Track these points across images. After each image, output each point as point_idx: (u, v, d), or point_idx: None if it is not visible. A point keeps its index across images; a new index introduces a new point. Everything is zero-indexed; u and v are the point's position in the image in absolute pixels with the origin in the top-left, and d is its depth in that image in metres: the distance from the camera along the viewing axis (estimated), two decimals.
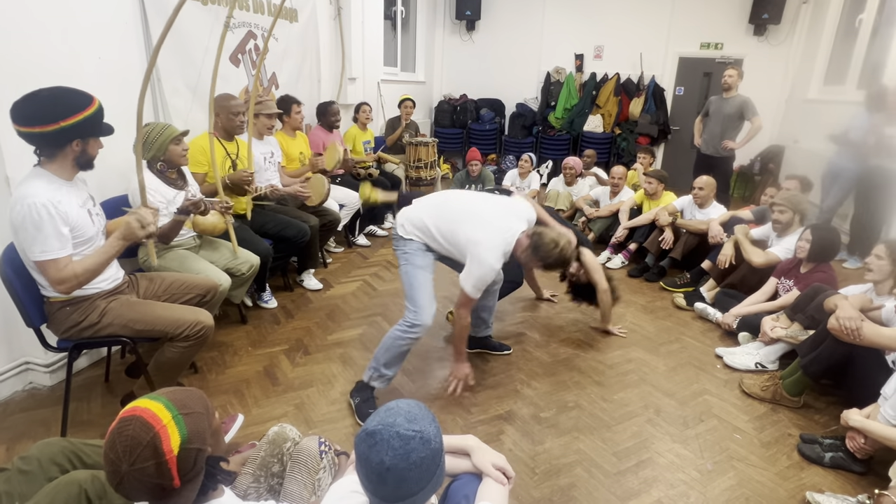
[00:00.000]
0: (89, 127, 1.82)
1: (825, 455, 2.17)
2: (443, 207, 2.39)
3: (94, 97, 1.84)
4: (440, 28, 8.12)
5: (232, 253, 2.82)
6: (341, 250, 4.56)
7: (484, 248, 2.20)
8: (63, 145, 1.80)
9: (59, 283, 1.82)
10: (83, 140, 1.83)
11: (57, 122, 1.72)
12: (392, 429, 1.02)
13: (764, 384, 2.62)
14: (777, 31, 6.65)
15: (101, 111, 1.85)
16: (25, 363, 2.44)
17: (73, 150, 1.83)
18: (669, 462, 2.17)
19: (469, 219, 2.29)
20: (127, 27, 2.72)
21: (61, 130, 1.74)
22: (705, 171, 4.77)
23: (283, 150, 3.87)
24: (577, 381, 2.72)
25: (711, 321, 3.42)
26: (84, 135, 1.82)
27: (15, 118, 1.71)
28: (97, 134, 1.87)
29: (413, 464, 1.01)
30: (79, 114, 1.76)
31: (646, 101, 7.22)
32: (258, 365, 2.73)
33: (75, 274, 1.82)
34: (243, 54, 3.74)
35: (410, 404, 1.10)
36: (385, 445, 1.00)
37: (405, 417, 1.04)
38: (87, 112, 1.78)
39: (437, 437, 1.06)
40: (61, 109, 1.74)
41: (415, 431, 1.02)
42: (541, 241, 2.24)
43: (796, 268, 3.09)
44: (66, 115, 1.73)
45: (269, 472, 1.54)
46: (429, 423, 1.06)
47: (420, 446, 1.01)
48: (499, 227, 2.27)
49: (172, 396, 1.10)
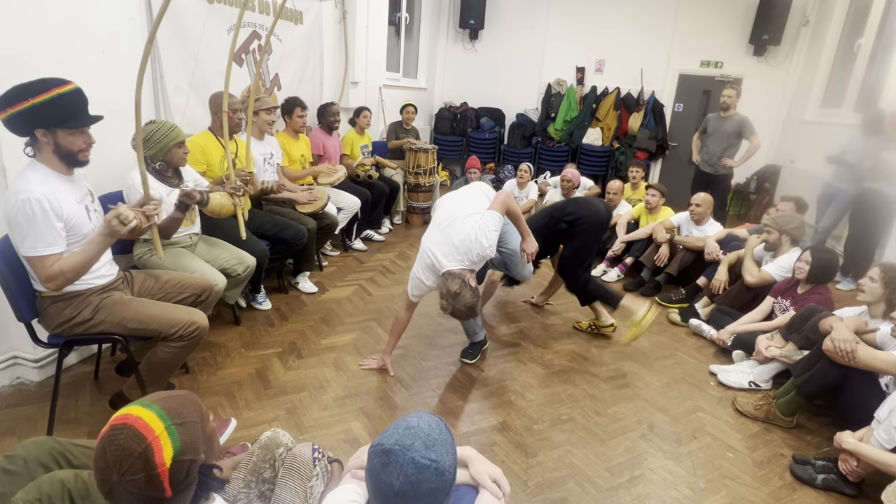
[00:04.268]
0: (46, 116, 1.71)
1: (817, 476, 2.17)
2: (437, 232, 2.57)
3: (59, 84, 1.71)
4: (443, 36, 8.15)
5: (228, 253, 2.80)
6: (337, 254, 4.54)
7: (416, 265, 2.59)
8: (30, 136, 1.74)
9: (48, 279, 1.79)
10: (48, 131, 1.74)
11: (5, 109, 1.66)
12: (408, 453, 0.98)
13: (757, 403, 2.62)
14: (776, 52, 6.72)
15: (60, 99, 1.71)
16: (13, 357, 2.40)
17: (45, 142, 1.76)
18: (662, 479, 2.16)
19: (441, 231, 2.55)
20: (132, 21, 2.71)
21: (11, 118, 1.68)
22: (703, 188, 4.81)
23: (285, 151, 3.86)
24: (570, 394, 2.71)
25: (706, 338, 3.42)
26: (45, 124, 1.73)
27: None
28: (63, 125, 1.75)
29: (423, 493, 0.98)
30: (25, 101, 1.65)
31: (645, 117, 7.27)
32: (250, 367, 2.70)
33: (62, 271, 1.79)
34: (247, 54, 3.73)
35: (432, 425, 1.05)
36: (398, 469, 0.97)
37: (423, 442, 1.00)
38: (34, 100, 1.66)
39: (451, 467, 1.02)
40: (11, 95, 1.66)
41: (431, 461, 0.98)
42: (446, 289, 2.34)
43: (793, 288, 3.10)
44: (13, 102, 1.66)
45: (261, 477, 1.51)
46: (446, 452, 1.02)
47: (433, 477, 0.98)
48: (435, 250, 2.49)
49: (166, 405, 1.06)
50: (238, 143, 3.21)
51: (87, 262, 1.84)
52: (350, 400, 2.51)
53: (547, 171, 7.41)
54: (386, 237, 5.14)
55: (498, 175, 7.66)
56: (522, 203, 5.34)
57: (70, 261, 1.81)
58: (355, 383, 2.65)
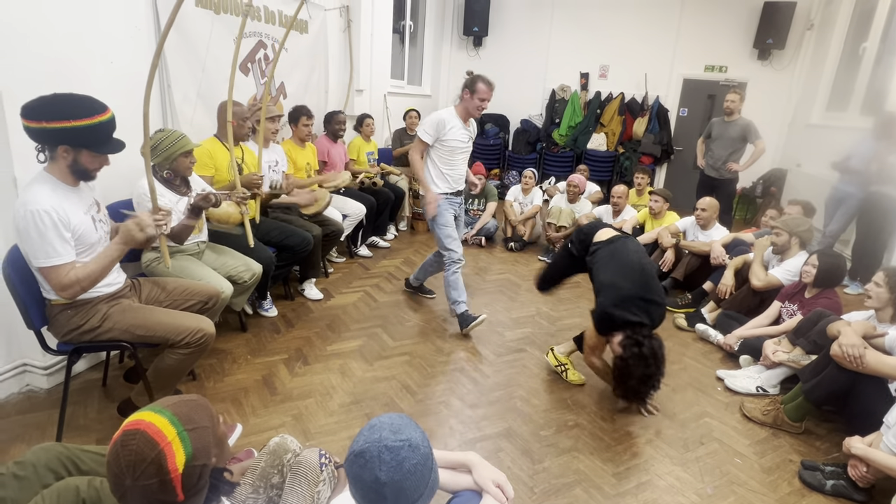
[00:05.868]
0: (78, 138, 1.76)
1: (827, 482, 2.15)
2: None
3: (101, 111, 1.78)
4: (447, 43, 8.21)
5: (235, 260, 2.82)
6: (343, 260, 4.55)
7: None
8: (50, 147, 1.78)
9: (63, 288, 1.81)
10: (73, 149, 1.78)
11: (40, 121, 1.70)
12: (379, 444, 1.02)
13: (765, 408, 2.61)
14: (781, 55, 6.72)
15: (99, 126, 1.78)
16: (23, 365, 2.42)
17: (63, 157, 1.79)
18: (669, 485, 2.15)
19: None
20: (139, 32, 2.75)
21: (43, 131, 1.72)
22: (708, 193, 4.80)
23: (291, 159, 3.89)
24: (577, 400, 2.70)
25: (713, 343, 3.41)
26: (73, 143, 1.77)
27: (21, 110, 1.71)
28: (90, 148, 1.81)
29: (408, 472, 1.01)
30: (65, 121, 1.71)
31: (649, 121, 7.27)
32: (257, 374, 2.72)
33: (78, 279, 1.81)
34: (253, 63, 3.77)
35: (392, 417, 1.10)
36: (376, 461, 1.01)
37: (389, 430, 1.05)
38: (75, 122, 1.72)
39: (423, 441, 1.07)
40: (50, 110, 1.70)
41: (402, 441, 1.03)
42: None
43: (801, 292, 3.08)
44: (52, 117, 1.70)
45: (269, 483, 1.52)
46: (413, 430, 1.07)
47: (410, 454, 1.02)
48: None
49: (178, 410, 1.08)
50: (244, 149, 3.24)
51: (103, 269, 1.87)
52: (356, 406, 2.51)
53: (552, 176, 7.44)
54: (391, 244, 5.16)
55: (503, 181, 7.67)
56: (527, 209, 5.34)
57: (86, 269, 1.84)
58: (361, 389, 2.65)
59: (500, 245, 5.38)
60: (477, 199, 5.47)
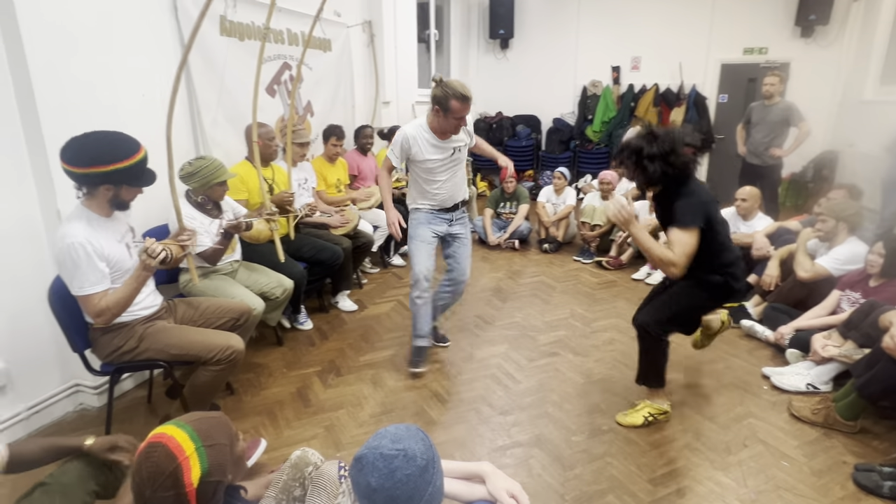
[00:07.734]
0: (120, 177, 1.90)
1: (884, 484, 2.00)
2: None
3: (136, 150, 1.92)
4: (474, 48, 8.22)
5: (267, 277, 2.91)
6: (377, 271, 4.62)
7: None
8: (93, 187, 1.91)
9: (97, 315, 1.94)
10: (115, 186, 1.93)
11: (81, 166, 1.83)
12: (376, 451, 1.04)
13: (815, 407, 2.46)
14: (825, 31, 6.35)
15: (138, 164, 1.92)
16: (76, 385, 2.58)
17: (105, 193, 1.93)
18: (709, 491, 2.05)
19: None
20: (170, 66, 2.89)
21: (88, 175, 1.85)
22: (751, 181, 4.58)
23: (321, 176, 3.99)
24: (610, 404, 2.63)
25: (760, 339, 3.24)
26: (115, 182, 1.91)
27: (60, 153, 1.84)
28: (129, 184, 1.95)
29: (399, 482, 1.01)
30: (109, 165, 1.84)
31: (687, 111, 7.02)
32: (292, 386, 2.79)
33: (108, 307, 1.93)
34: (279, 85, 3.89)
35: (400, 427, 1.11)
36: (370, 468, 1.02)
37: (390, 439, 1.06)
38: (118, 165, 1.86)
39: (423, 454, 1.06)
40: (95, 155, 1.83)
41: (398, 450, 1.03)
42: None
43: (864, 281, 2.85)
44: (95, 163, 1.83)
45: (291, 496, 1.56)
46: (415, 442, 1.07)
47: (404, 464, 1.02)
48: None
49: (198, 426, 1.13)
50: (275, 168, 3.35)
51: (128, 296, 1.97)
52: (386, 416, 2.54)
53: (587, 174, 7.30)
54: None
55: (537, 182, 7.59)
56: (560, 209, 5.26)
57: (114, 297, 1.95)
58: (392, 399, 2.68)
59: (535, 247, 5.32)
60: (509, 202, 5.43)
